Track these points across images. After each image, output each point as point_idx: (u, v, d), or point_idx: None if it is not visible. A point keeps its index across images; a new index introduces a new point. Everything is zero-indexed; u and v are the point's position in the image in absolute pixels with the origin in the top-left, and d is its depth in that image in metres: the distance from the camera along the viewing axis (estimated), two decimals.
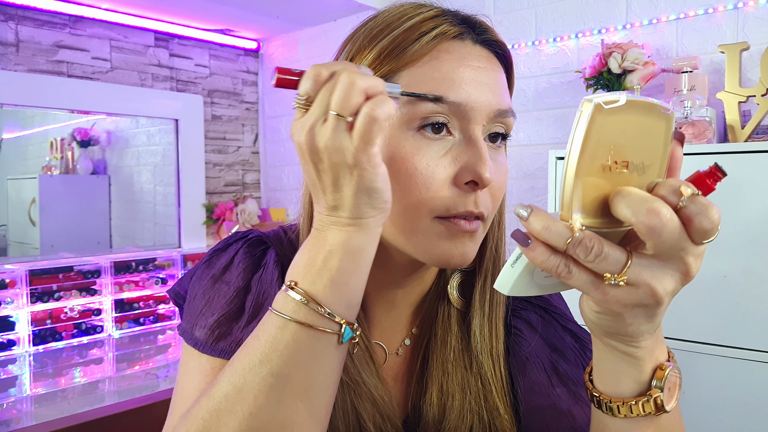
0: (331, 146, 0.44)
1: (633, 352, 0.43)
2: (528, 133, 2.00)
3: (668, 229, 0.35)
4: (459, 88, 0.52)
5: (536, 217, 0.37)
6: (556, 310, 0.67)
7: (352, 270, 0.47)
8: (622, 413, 0.44)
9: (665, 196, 0.36)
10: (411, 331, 0.65)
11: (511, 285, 0.42)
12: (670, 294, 0.38)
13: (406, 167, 0.51)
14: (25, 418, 1.39)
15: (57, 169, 2.76)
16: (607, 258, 0.36)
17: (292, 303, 0.46)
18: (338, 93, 0.43)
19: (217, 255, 0.63)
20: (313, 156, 0.45)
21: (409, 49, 0.53)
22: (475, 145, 0.52)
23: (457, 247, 0.53)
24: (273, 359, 0.45)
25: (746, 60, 1.52)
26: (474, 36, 0.56)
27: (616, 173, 0.37)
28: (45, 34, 2.14)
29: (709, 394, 1.30)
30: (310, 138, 0.44)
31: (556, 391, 0.61)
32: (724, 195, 1.28)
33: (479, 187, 0.52)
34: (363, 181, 0.44)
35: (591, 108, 0.35)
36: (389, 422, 0.58)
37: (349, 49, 0.57)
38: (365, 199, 0.45)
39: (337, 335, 0.47)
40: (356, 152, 0.43)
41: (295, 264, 0.48)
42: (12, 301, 1.90)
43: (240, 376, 0.45)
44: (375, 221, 0.47)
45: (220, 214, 2.57)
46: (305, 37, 2.65)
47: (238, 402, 0.45)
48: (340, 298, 0.46)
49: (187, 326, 0.59)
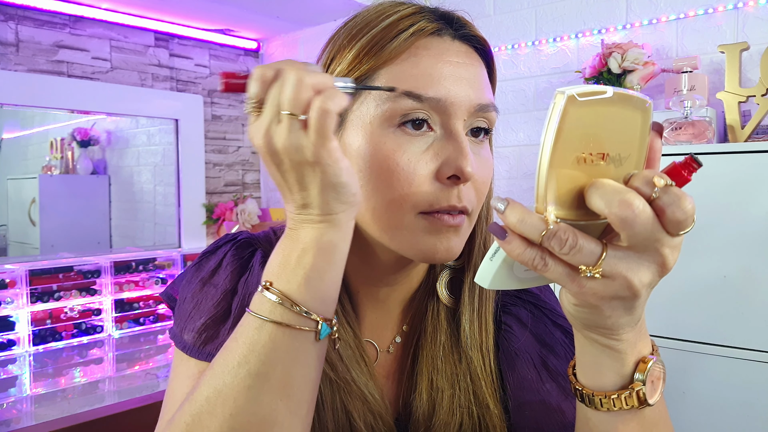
0: (289, 146, 0.44)
1: (614, 345, 0.43)
2: (528, 133, 2.00)
3: (641, 220, 0.35)
4: (438, 84, 0.52)
5: (512, 210, 0.37)
6: (546, 306, 0.68)
7: (326, 266, 0.47)
8: (604, 407, 0.44)
9: (638, 188, 0.36)
10: (401, 328, 0.65)
11: (490, 278, 0.42)
12: (647, 286, 0.38)
13: (388, 164, 0.52)
14: (25, 418, 1.39)
15: (57, 169, 2.76)
16: (582, 250, 0.36)
17: (268, 303, 0.46)
18: (287, 92, 0.43)
19: (206, 258, 0.63)
20: (274, 158, 0.45)
21: (387, 46, 0.53)
22: (456, 139, 0.52)
23: (442, 242, 0.53)
24: (251, 360, 0.45)
25: (746, 60, 1.52)
26: (452, 32, 0.56)
27: (592, 165, 0.37)
28: (45, 34, 2.14)
29: (709, 394, 1.30)
30: (267, 140, 0.44)
31: (545, 387, 0.61)
32: (725, 195, 1.28)
33: (461, 182, 0.52)
34: (327, 176, 0.44)
35: (564, 99, 0.35)
36: (381, 420, 0.58)
37: (330, 50, 0.57)
38: (333, 195, 0.45)
39: (315, 332, 0.47)
40: (315, 149, 0.43)
41: (270, 264, 0.48)
42: (12, 301, 1.90)
43: (219, 379, 0.46)
44: (345, 215, 0.47)
45: (220, 214, 2.57)
46: (305, 37, 2.65)
47: (218, 404, 0.45)
48: (314, 295, 0.46)
49: (177, 330, 0.59)
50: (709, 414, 1.30)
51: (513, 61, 2.02)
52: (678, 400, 1.33)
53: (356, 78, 0.54)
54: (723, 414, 1.29)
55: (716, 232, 1.28)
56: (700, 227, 1.26)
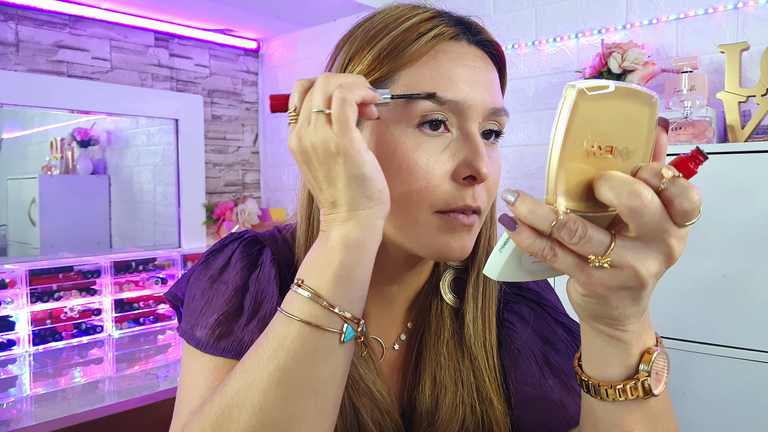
0: (316, 141, 0.48)
1: (620, 335, 0.43)
2: (528, 133, 2.01)
3: (649, 210, 0.36)
4: (456, 87, 0.54)
5: (522, 201, 0.38)
6: (548, 303, 0.69)
7: (353, 264, 0.48)
8: (610, 397, 0.45)
9: (647, 179, 0.37)
10: (406, 325, 0.66)
11: (499, 270, 0.42)
12: (653, 276, 0.39)
13: (407, 162, 0.53)
14: (25, 418, 1.39)
15: (57, 169, 2.76)
16: (591, 240, 0.37)
17: (297, 300, 0.48)
18: (315, 92, 0.48)
19: (213, 256, 0.64)
20: (304, 156, 0.49)
21: (408, 49, 0.54)
22: (472, 141, 0.54)
23: (456, 241, 0.55)
24: (280, 355, 0.47)
25: (746, 60, 1.52)
26: (470, 36, 0.57)
27: (600, 158, 0.38)
28: (45, 34, 2.14)
29: (709, 394, 1.30)
30: (297, 141, 0.49)
31: (548, 383, 0.63)
32: (725, 195, 1.28)
33: (477, 182, 0.54)
34: (350, 167, 0.47)
35: (574, 93, 0.36)
36: (388, 417, 0.59)
37: (347, 50, 0.58)
38: (358, 188, 0.48)
39: (339, 334, 0.48)
40: (338, 139, 0.47)
41: (303, 264, 0.50)
42: (12, 301, 1.90)
43: (250, 373, 0.47)
44: (372, 212, 0.49)
45: (220, 214, 2.57)
46: (305, 37, 2.65)
47: (248, 398, 0.46)
48: (342, 293, 0.48)
49: (188, 327, 0.59)
50: (709, 414, 1.30)
51: (513, 61, 2.02)
52: (678, 400, 1.33)
53: (376, 79, 0.55)
54: (723, 414, 1.29)
55: (716, 232, 1.29)
56: (701, 227, 1.26)
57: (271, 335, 0.48)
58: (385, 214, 0.51)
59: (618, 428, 0.47)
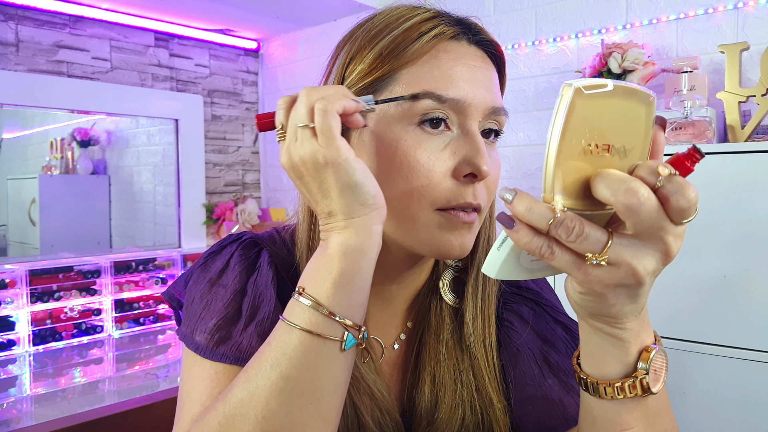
0: (304, 155, 0.48)
1: (618, 333, 0.43)
2: (528, 133, 2.01)
3: (646, 207, 0.36)
4: (457, 86, 0.54)
5: (520, 199, 0.38)
6: (547, 303, 0.69)
7: (353, 271, 0.49)
8: (608, 395, 0.45)
9: (643, 177, 0.37)
10: (406, 325, 0.67)
11: (498, 268, 0.43)
12: (651, 274, 0.39)
13: (408, 160, 0.53)
14: (25, 418, 1.39)
15: (57, 169, 2.76)
16: (588, 238, 0.37)
17: (298, 308, 0.49)
18: (298, 107, 0.49)
19: (212, 258, 0.64)
20: (296, 172, 0.50)
21: (409, 48, 0.55)
22: (473, 139, 0.54)
23: (457, 238, 0.55)
24: (282, 363, 0.47)
25: (746, 60, 1.52)
26: (470, 36, 0.58)
27: (598, 156, 0.38)
28: (45, 34, 2.14)
29: (709, 394, 1.30)
30: (288, 157, 0.50)
31: (547, 382, 0.63)
32: (725, 195, 1.28)
33: (477, 180, 0.54)
34: (341, 176, 0.48)
35: (571, 92, 0.36)
36: (388, 416, 0.60)
37: (348, 49, 0.58)
38: (351, 196, 0.49)
39: (340, 342, 0.48)
40: (324, 150, 0.47)
41: (304, 272, 0.51)
42: (12, 301, 1.90)
43: (252, 381, 0.48)
44: (369, 219, 0.50)
45: (220, 214, 2.57)
46: (305, 37, 2.65)
47: (251, 407, 0.47)
48: (343, 300, 0.49)
49: (187, 331, 0.59)
50: (709, 414, 1.30)
51: (513, 61, 2.02)
52: (678, 400, 1.33)
53: (377, 78, 0.56)
54: (723, 414, 1.29)
55: (716, 232, 1.28)
56: (700, 227, 1.26)
57: (273, 344, 0.48)
58: (383, 220, 0.51)
59: (616, 426, 0.47)
